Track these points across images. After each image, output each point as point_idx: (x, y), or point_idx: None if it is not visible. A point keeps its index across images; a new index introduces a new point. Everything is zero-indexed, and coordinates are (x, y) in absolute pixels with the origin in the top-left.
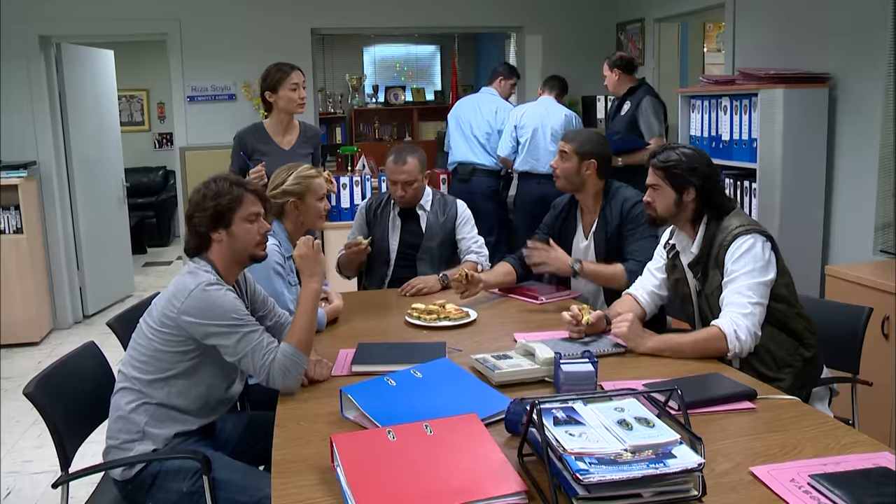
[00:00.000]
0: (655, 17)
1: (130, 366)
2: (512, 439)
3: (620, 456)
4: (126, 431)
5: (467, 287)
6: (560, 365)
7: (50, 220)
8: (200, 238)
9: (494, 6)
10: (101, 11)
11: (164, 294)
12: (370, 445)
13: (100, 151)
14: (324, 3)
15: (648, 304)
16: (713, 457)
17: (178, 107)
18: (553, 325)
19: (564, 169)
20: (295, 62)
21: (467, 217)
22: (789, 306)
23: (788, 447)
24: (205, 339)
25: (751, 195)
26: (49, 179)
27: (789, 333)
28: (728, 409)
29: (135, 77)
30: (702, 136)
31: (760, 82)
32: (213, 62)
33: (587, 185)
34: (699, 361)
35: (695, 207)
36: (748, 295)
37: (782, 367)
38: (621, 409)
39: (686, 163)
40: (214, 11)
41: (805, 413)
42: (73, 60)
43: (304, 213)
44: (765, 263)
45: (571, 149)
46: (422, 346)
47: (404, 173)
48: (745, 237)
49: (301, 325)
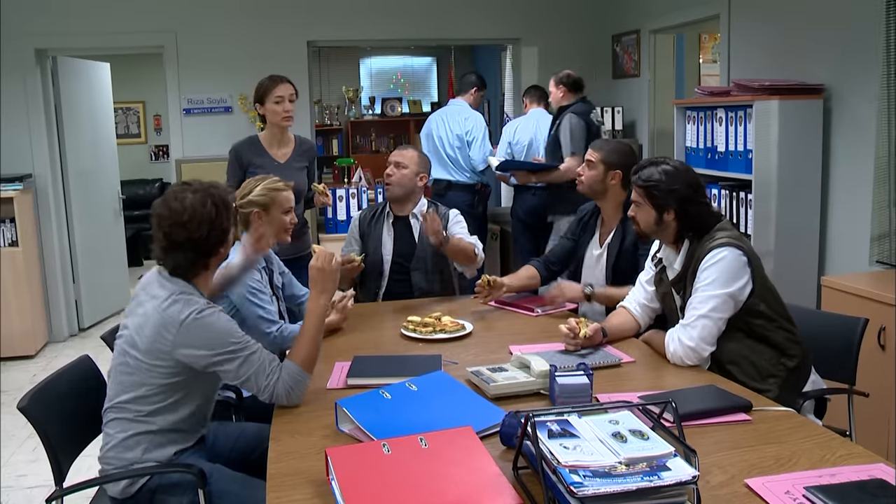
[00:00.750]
0: (651, 28)
1: (121, 399)
2: (507, 452)
3: (615, 469)
4: (123, 459)
5: (490, 291)
6: (555, 377)
7: (46, 232)
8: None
9: (491, 18)
10: (97, 25)
11: (145, 323)
12: (365, 459)
13: (96, 164)
14: (320, 15)
15: (642, 317)
16: (708, 469)
17: (174, 119)
18: (548, 337)
19: (589, 176)
20: (291, 74)
21: (459, 219)
22: (768, 321)
23: (783, 459)
24: (206, 368)
25: (746, 206)
26: (45, 192)
27: (769, 345)
28: (723, 421)
29: (131, 89)
30: (697, 147)
31: (755, 94)
32: (209, 75)
33: (609, 194)
34: (694, 374)
35: (676, 226)
36: (697, 307)
37: (766, 378)
38: (616, 422)
39: (665, 183)
40: (211, 24)
41: (800, 424)
42: (69, 73)
43: (268, 225)
44: (729, 276)
45: (598, 158)
46: (417, 359)
47: (400, 156)
48: (718, 250)
49: (306, 342)
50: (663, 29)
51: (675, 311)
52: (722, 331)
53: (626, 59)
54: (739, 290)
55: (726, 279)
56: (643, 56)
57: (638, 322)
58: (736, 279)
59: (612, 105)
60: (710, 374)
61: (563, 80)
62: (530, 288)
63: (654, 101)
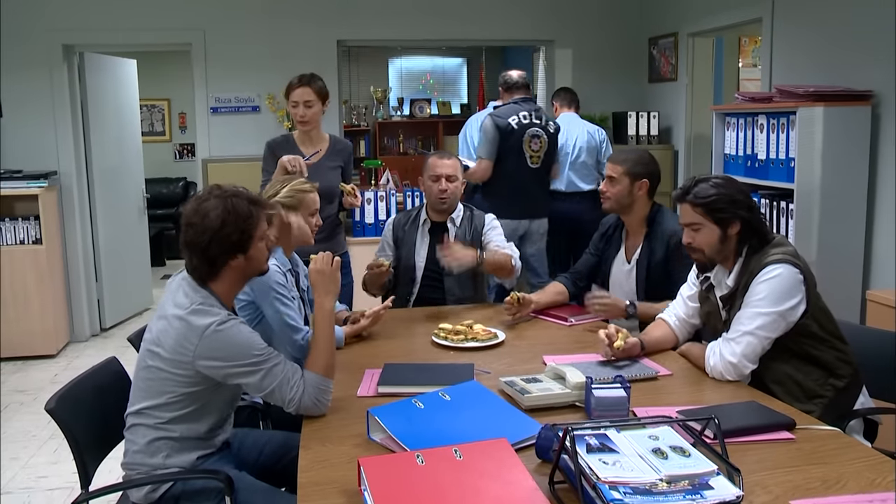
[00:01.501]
0: (689, 31)
1: (143, 406)
2: (542, 466)
3: (656, 486)
4: (146, 465)
5: (519, 309)
6: (591, 390)
7: (69, 230)
8: (214, 265)
9: (524, 19)
10: (125, 21)
11: (168, 331)
12: (398, 469)
13: (120, 162)
14: (350, 14)
15: (680, 331)
16: (751, 488)
17: (200, 118)
18: (582, 347)
19: (615, 192)
20: (320, 74)
21: (494, 225)
22: (819, 341)
23: (830, 481)
24: (226, 380)
25: (787, 217)
26: (69, 190)
27: (818, 365)
28: (765, 439)
29: (156, 86)
30: (737, 154)
31: (799, 100)
32: (237, 73)
33: (636, 206)
34: (734, 389)
35: (737, 241)
36: (744, 323)
37: (812, 398)
38: (656, 438)
39: (726, 194)
40: (239, 22)
41: (847, 445)
42: (95, 69)
43: (297, 227)
44: (781, 294)
45: (622, 171)
46: (449, 368)
47: (448, 167)
48: (775, 266)
49: (322, 348)
50: (702, 32)
51: (718, 330)
52: (766, 350)
53: (663, 62)
54: (791, 309)
55: (778, 297)
56: (681, 59)
57: (676, 336)
58: (788, 298)
59: (648, 110)
60: (750, 389)
61: (500, 82)
62: (558, 304)
63: (692, 106)
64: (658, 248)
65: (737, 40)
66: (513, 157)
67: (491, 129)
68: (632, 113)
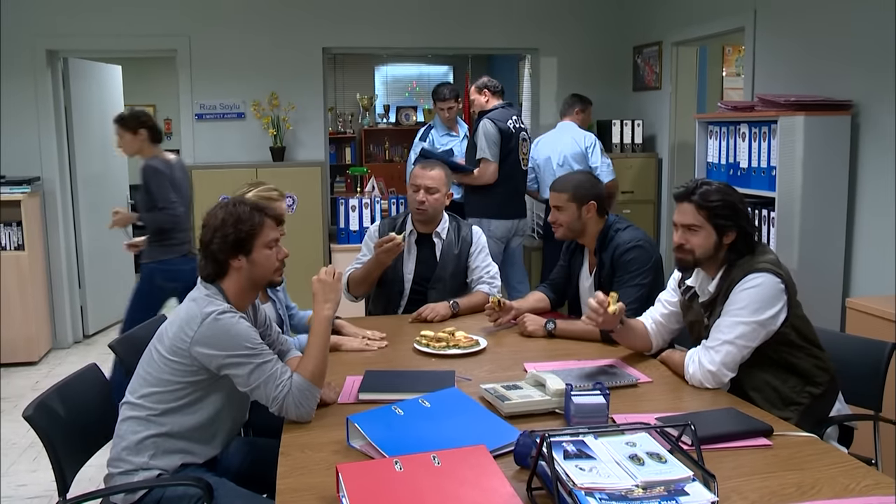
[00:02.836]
0: (673, 40)
1: (139, 395)
2: (521, 472)
3: (631, 492)
4: (130, 463)
5: (500, 314)
6: (571, 397)
7: (52, 236)
8: (218, 265)
9: (509, 28)
10: (109, 27)
11: (174, 321)
12: (377, 476)
13: (105, 168)
14: (336, 22)
15: (655, 335)
16: (727, 495)
17: (185, 124)
18: (564, 354)
19: (565, 221)
20: (306, 81)
21: (482, 245)
22: (797, 349)
23: (806, 486)
24: (219, 370)
25: (769, 224)
26: (52, 195)
27: (795, 372)
28: (742, 446)
29: (141, 93)
30: (719, 163)
31: (780, 109)
32: (222, 80)
33: (588, 227)
34: (713, 396)
35: (729, 248)
36: (724, 331)
37: (788, 405)
38: (633, 444)
39: (730, 202)
40: (225, 28)
41: (823, 451)
42: (80, 75)
43: None
44: (762, 303)
45: (566, 198)
46: (430, 375)
47: (430, 178)
48: (756, 275)
49: (313, 354)
50: (686, 41)
51: (702, 338)
52: (746, 358)
53: (648, 71)
54: (771, 318)
55: (759, 307)
56: (665, 68)
57: (651, 338)
58: (769, 307)
59: (632, 118)
60: (729, 396)
61: (487, 85)
62: (539, 311)
63: (675, 114)
64: (606, 263)
65: (720, 49)
66: (511, 159)
67: (494, 132)
68: (616, 121)
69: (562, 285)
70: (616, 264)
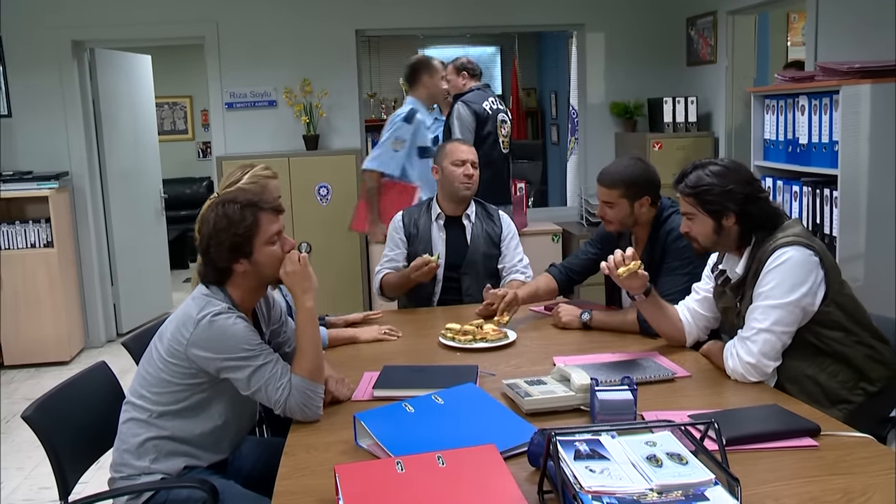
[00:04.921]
0: (729, 9)
1: (139, 395)
2: (535, 473)
3: (645, 496)
4: (132, 466)
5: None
6: (596, 392)
7: (82, 233)
8: (220, 272)
9: (552, 3)
10: (133, 15)
11: (173, 319)
12: (376, 477)
13: (136, 162)
14: (369, 2)
15: (689, 323)
16: (761, 500)
17: (215, 114)
18: (598, 347)
19: (617, 218)
20: (339, 66)
21: (513, 232)
22: (846, 334)
23: (854, 493)
24: (218, 373)
25: (832, 205)
26: (82, 191)
27: (846, 364)
28: (784, 447)
29: (177, 83)
30: (776, 139)
31: (843, 77)
32: (252, 67)
33: (641, 218)
34: (754, 392)
35: (739, 230)
36: (759, 318)
37: (836, 403)
38: (653, 444)
39: (719, 185)
40: (253, 13)
41: (879, 454)
42: (107, 66)
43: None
44: (795, 280)
45: (617, 194)
46: (452, 370)
47: (473, 154)
48: (783, 250)
49: (305, 351)
50: (743, 9)
51: (735, 326)
52: (787, 345)
53: (702, 43)
54: (807, 294)
55: (792, 285)
56: (721, 40)
57: (683, 326)
58: (802, 283)
59: (685, 95)
60: (775, 391)
61: (466, 67)
62: (546, 299)
63: (733, 89)
64: (657, 248)
65: (784, 17)
66: (489, 143)
67: (468, 116)
68: (668, 99)
69: (579, 274)
70: (667, 249)
